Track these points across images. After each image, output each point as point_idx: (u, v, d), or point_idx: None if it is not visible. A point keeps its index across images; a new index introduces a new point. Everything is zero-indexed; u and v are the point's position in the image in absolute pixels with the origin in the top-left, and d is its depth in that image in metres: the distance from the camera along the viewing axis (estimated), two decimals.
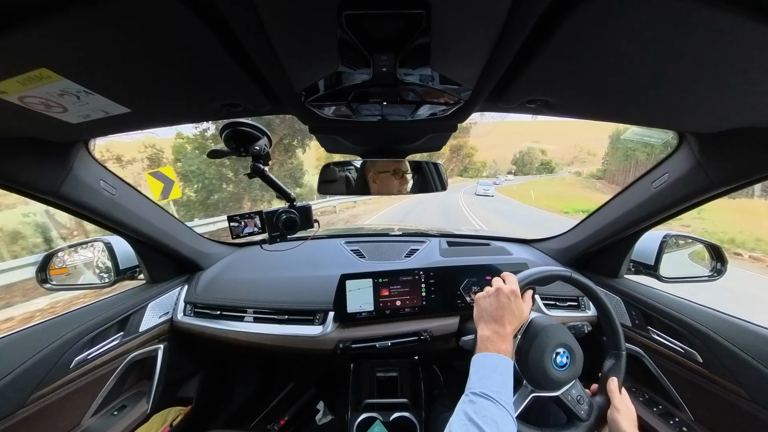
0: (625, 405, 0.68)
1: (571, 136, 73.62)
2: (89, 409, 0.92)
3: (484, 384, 0.55)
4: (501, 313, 0.64)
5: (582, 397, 0.70)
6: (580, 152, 75.54)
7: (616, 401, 0.68)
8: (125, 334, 1.00)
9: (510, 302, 0.66)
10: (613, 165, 40.14)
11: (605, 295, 0.76)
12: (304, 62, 0.45)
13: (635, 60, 0.41)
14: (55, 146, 0.72)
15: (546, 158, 74.77)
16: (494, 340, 0.61)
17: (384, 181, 0.95)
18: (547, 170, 71.05)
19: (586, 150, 74.66)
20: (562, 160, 74.85)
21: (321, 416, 1.52)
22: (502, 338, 0.61)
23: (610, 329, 0.76)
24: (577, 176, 50.00)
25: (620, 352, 0.74)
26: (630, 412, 0.67)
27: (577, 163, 72.50)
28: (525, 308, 0.69)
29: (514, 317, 0.65)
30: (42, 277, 0.99)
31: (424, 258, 1.32)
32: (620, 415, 0.66)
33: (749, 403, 0.74)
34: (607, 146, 43.27)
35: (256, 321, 1.10)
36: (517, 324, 0.67)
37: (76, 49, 0.38)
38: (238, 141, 0.76)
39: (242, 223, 0.93)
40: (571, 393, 0.69)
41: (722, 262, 1.02)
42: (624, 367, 0.73)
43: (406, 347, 1.06)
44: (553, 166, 72.02)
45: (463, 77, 0.49)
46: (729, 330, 0.82)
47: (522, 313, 0.67)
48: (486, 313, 0.67)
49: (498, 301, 0.66)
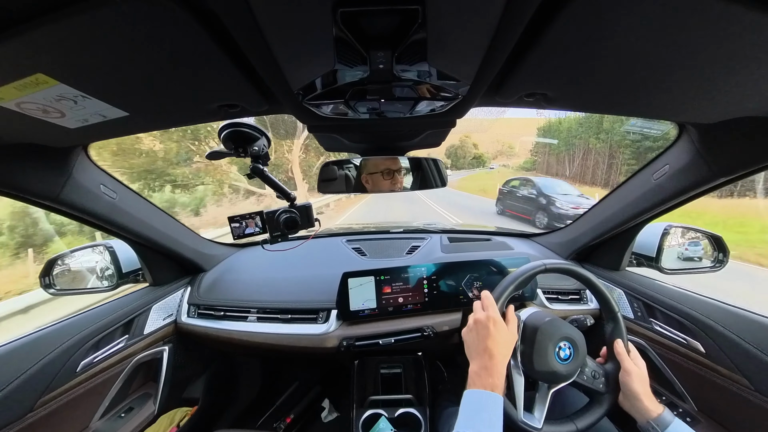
0: (635, 365, 0.69)
1: (493, 132, 73.72)
2: (97, 412, 0.93)
3: (471, 423, 0.55)
4: (484, 345, 0.63)
5: (596, 372, 0.72)
6: (503, 146, 75.90)
7: (625, 364, 0.69)
8: (130, 336, 1.01)
9: (490, 331, 0.64)
10: (541, 157, 40.25)
11: (587, 271, 0.77)
12: (300, 61, 0.45)
13: (633, 51, 0.41)
14: (54, 152, 0.72)
15: (478, 152, 73.89)
16: (482, 375, 0.60)
17: (375, 181, 0.95)
18: (479, 164, 69.84)
19: (508, 144, 74.97)
20: (488, 153, 75.04)
21: (326, 414, 1.53)
22: (490, 372, 0.60)
23: (599, 296, 0.76)
24: (506, 168, 50.08)
25: (615, 314, 0.75)
26: (640, 372, 0.68)
27: (501, 156, 72.69)
28: (511, 327, 0.68)
29: (498, 344, 0.63)
30: (46, 282, 0.99)
31: (425, 254, 1.33)
32: (630, 377, 0.67)
33: (752, 392, 0.74)
34: (534, 140, 42.92)
35: (260, 321, 1.10)
36: (507, 348, 0.65)
37: (71, 53, 0.38)
38: (236, 142, 0.76)
39: (243, 223, 0.93)
40: (585, 372, 0.71)
41: (724, 252, 1.02)
42: (623, 327, 0.74)
43: (410, 344, 1.06)
44: (484, 160, 71.34)
45: (461, 72, 0.49)
46: (731, 320, 0.82)
47: (507, 337, 0.65)
48: (471, 348, 0.66)
49: (478, 334, 0.65)
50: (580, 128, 30.20)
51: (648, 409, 0.64)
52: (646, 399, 0.65)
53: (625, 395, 0.68)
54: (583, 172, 28.83)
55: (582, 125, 29.61)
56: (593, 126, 27.18)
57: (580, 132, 30.03)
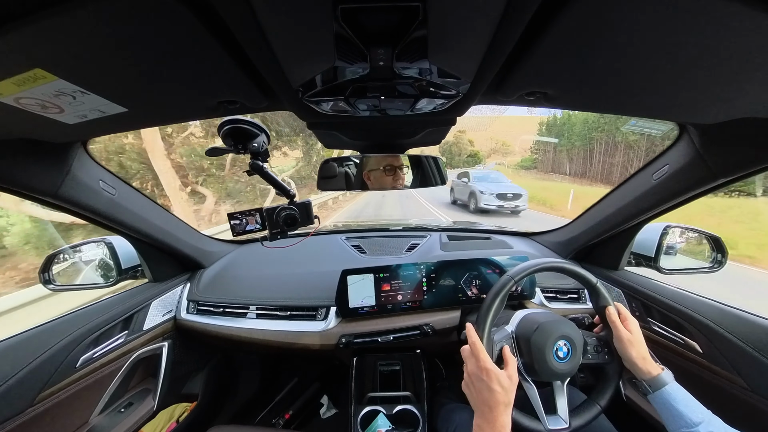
0: (628, 330, 0.70)
1: (486, 130, 72.63)
2: (97, 407, 0.93)
3: None
4: (482, 398, 0.60)
5: (598, 345, 0.73)
6: (497, 144, 74.89)
7: (617, 331, 0.70)
8: (129, 332, 1.01)
9: (483, 382, 0.60)
10: (541, 155, 39.32)
11: (552, 259, 0.78)
12: (300, 58, 0.44)
13: (634, 51, 0.41)
14: (52, 147, 0.72)
15: (474, 149, 72.29)
16: (484, 428, 0.59)
17: (377, 178, 0.94)
18: (476, 162, 66.87)
19: (502, 141, 74.03)
20: (483, 151, 73.92)
21: (325, 410, 1.54)
22: (492, 425, 0.58)
23: (572, 274, 0.76)
24: (501, 166, 49.16)
25: (594, 285, 0.75)
26: (632, 336, 0.69)
27: (495, 154, 71.55)
28: (509, 370, 0.63)
29: (495, 394, 0.59)
30: (45, 278, 0.99)
31: (424, 252, 1.33)
32: (622, 343, 0.68)
33: (748, 392, 0.75)
34: (535, 137, 41.89)
35: (259, 317, 1.11)
36: (506, 396, 0.60)
37: (70, 48, 0.38)
38: (236, 138, 0.76)
39: (243, 220, 0.93)
40: (588, 350, 0.72)
41: (722, 253, 1.02)
42: (606, 292, 0.75)
43: (408, 341, 1.07)
44: (480, 158, 69.55)
45: (462, 70, 0.48)
46: (728, 320, 0.82)
47: (504, 383, 0.60)
48: (471, 401, 0.64)
49: (474, 387, 0.62)
50: (584, 126, 29.96)
51: (643, 371, 0.65)
52: (641, 362, 0.66)
53: (623, 360, 0.69)
54: (588, 170, 28.52)
55: (587, 123, 29.32)
56: (607, 122, 26.67)
57: (584, 131, 29.75)
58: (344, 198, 13.47)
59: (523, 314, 0.78)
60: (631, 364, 0.67)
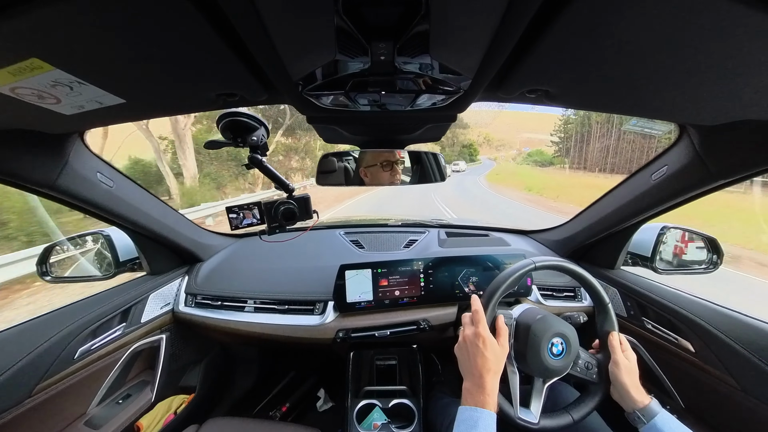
0: (625, 357, 0.70)
1: (474, 127, 71.29)
2: (95, 398, 0.94)
3: None
4: (474, 363, 0.63)
5: (589, 363, 0.73)
6: (484, 140, 73.70)
7: (615, 356, 0.70)
8: (128, 324, 1.01)
9: (479, 349, 0.63)
10: (562, 146, 36.33)
11: (577, 266, 0.76)
12: (301, 51, 0.44)
13: (636, 50, 0.41)
14: (49, 138, 0.71)
15: (468, 139, 68.19)
16: (474, 392, 0.61)
17: (374, 173, 0.94)
18: (469, 154, 63.76)
19: (485, 136, 72.69)
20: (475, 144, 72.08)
21: (322, 403, 1.56)
22: (481, 389, 0.60)
23: (589, 289, 0.77)
24: (494, 162, 46.31)
25: (605, 306, 0.75)
26: (629, 364, 0.70)
27: (486, 146, 69.78)
28: (501, 340, 0.66)
29: (488, 361, 0.62)
30: (42, 269, 0.99)
31: (422, 248, 1.33)
32: (619, 369, 0.68)
33: (738, 392, 0.76)
34: (559, 124, 38.49)
35: (257, 311, 1.11)
36: (497, 364, 0.63)
37: (66, 38, 0.37)
38: (235, 131, 0.75)
39: (241, 214, 0.93)
40: (579, 364, 0.72)
41: (718, 254, 1.03)
42: (614, 318, 0.75)
43: (405, 336, 1.08)
44: (475, 150, 65.40)
45: (463, 66, 0.48)
46: (722, 321, 0.83)
47: (497, 352, 0.64)
48: (462, 365, 0.66)
49: (468, 352, 0.64)
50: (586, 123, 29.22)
51: (635, 400, 0.65)
52: (634, 390, 0.66)
53: (614, 386, 0.70)
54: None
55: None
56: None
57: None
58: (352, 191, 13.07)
59: (528, 306, 0.79)
60: (624, 391, 0.67)
